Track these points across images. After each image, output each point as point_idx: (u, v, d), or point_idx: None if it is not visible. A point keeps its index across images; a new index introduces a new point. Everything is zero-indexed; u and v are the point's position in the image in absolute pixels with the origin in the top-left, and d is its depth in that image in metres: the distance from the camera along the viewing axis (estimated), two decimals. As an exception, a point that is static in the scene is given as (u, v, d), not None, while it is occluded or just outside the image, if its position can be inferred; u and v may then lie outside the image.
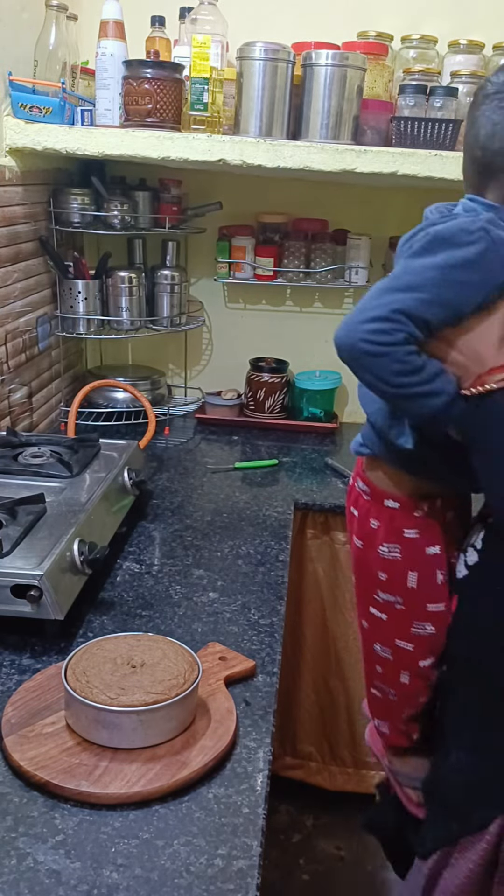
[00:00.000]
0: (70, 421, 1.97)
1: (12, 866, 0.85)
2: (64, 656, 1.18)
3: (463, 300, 0.94)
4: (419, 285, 0.93)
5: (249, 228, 2.34)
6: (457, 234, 0.94)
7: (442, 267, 0.93)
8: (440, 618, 1.15)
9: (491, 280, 0.93)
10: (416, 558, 1.13)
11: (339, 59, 1.84)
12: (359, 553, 1.19)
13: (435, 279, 0.93)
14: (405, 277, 0.94)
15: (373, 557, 1.15)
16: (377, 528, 1.14)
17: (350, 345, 0.94)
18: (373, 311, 0.93)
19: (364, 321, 0.93)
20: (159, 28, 1.97)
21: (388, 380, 0.94)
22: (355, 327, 0.94)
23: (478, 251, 0.93)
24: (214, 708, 1.09)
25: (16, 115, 1.80)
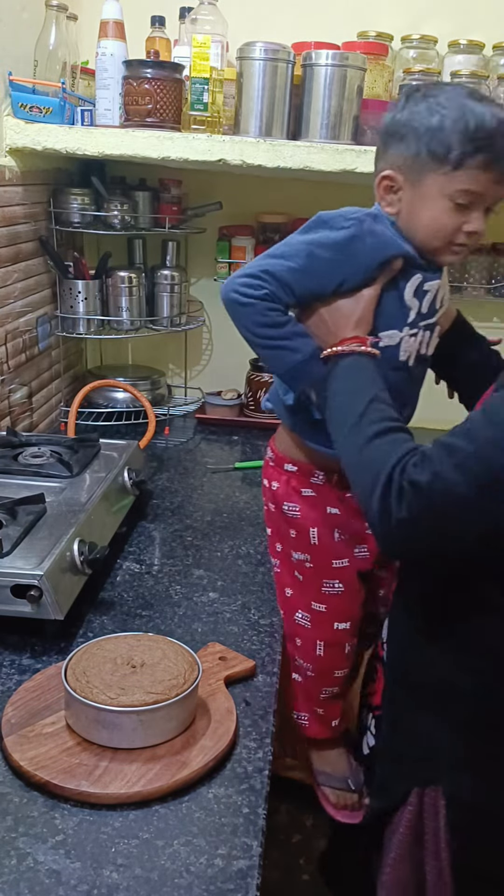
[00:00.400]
0: (70, 421, 1.97)
1: (12, 866, 0.85)
2: (64, 656, 1.18)
3: (324, 276, 1.07)
4: (290, 255, 1.08)
5: (249, 228, 2.34)
6: (335, 218, 1.09)
7: (313, 243, 1.07)
8: (346, 574, 1.29)
9: (352, 263, 1.07)
10: (315, 516, 1.26)
11: (339, 59, 1.84)
12: (270, 515, 1.32)
13: (303, 252, 1.07)
14: (282, 247, 1.10)
15: (280, 517, 1.28)
16: (277, 490, 1.29)
17: (225, 294, 1.11)
18: (247, 269, 1.09)
19: (238, 276, 1.10)
20: (159, 28, 1.97)
21: (251, 329, 1.10)
22: (232, 280, 1.10)
23: (346, 235, 1.06)
24: (214, 708, 1.09)
25: (16, 115, 1.80)
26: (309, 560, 1.29)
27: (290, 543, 1.30)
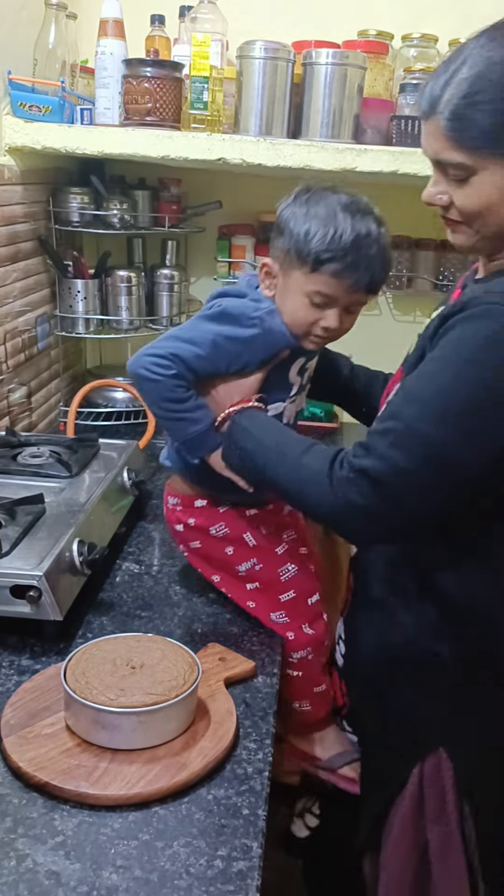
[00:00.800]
0: (69, 421, 1.96)
1: (12, 867, 0.84)
2: (63, 657, 1.18)
3: (227, 364, 1.20)
4: (198, 342, 1.18)
5: (249, 227, 2.33)
6: (240, 316, 1.19)
7: (220, 335, 1.18)
8: (292, 555, 1.33)
9: (252, 356, 1.20)
10: (241, 523, 1.32)
11: (339, 58, 1.84)
12: (195, 555, 1.35)
13: (210, 342, 1.18)
14: (192, 332, 1.19)
15: (213, 543, 1.32)
16: (196, 522, 1.33)
17: (133, 368, 1.19)
18: (157, 350, 1.18)
19: (148, 354, 1.18)
20: (159, 27, 1.96)
21: (157, 402, 1.21)
22: (141, 357, 1.19)
23: (251, 334, 1.18)
24: (214, 709, 1.08)
25: (15, 113, 1.80)
26: (256, 562, 1.32)
27: (231, 561, 1.33)
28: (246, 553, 1.33)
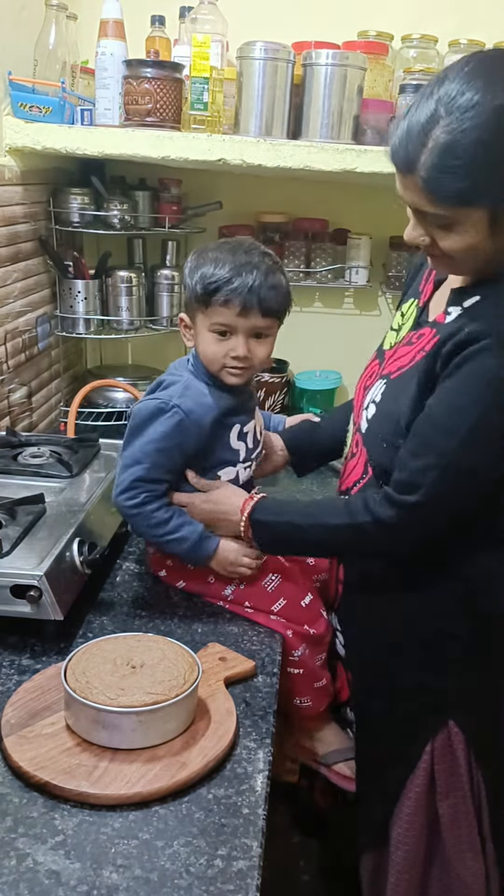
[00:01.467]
0: (70, 421, 1.96)
1: (12, 867, 0.84)
2: (63, 657, 1.18)
3: (177, 457, 1.31)
4: (142, 458, 1.29)
5: (249, 228, 2.33)
6: (155, 412, 1.29)
7: (152, 441, 1.28)
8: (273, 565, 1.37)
9: (190, 437, 1.29)
10: None
11: (339, 59, 1.84)
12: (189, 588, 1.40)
13: (153, 451, 1.28)
14: (131, 455, 1.29)
15: (194, 578, 1.38)
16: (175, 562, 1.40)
17: (118, 508, 1.32)
18: (120, 485, 1.30)
19: (118, 494, 1.30)
20: (159, 27, 1.96)
21: (144, 531, 1.33)
22: (116, 499, 1.30)
23: (176, 421, 1.28)
24: (214, 708, 1.08)
25: (15, 114, 1.80)
26: (238, 582, 1.36)
27: (217, 588, 1.37)
28: (226, 577, 1.36)
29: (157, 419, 1.29)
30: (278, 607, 1.33)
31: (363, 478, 1.28)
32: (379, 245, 2.31)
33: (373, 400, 1.25)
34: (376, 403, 1.24)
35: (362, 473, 1.28)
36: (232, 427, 1.36)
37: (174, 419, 1.29)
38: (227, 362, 1.30)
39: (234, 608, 1.36)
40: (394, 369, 1.23)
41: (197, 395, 1.32)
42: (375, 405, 1.24)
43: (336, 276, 2.35)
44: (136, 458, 1.30)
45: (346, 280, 2.34)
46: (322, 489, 1.94)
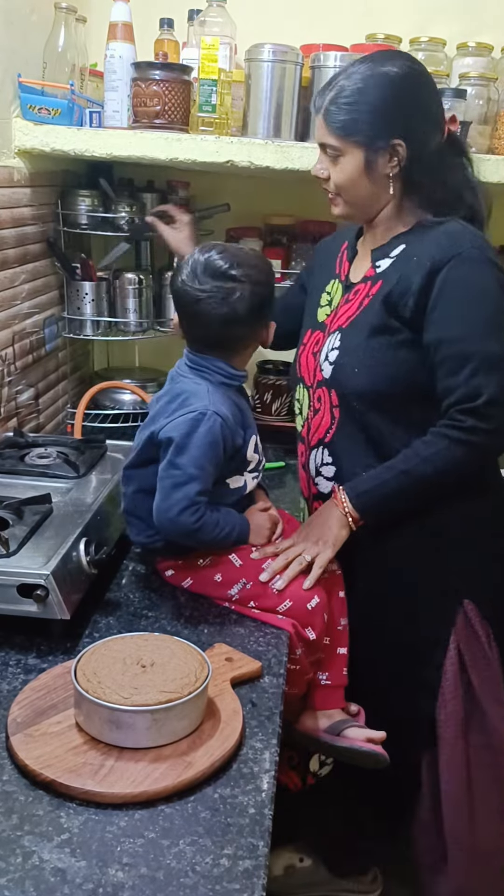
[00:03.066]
0: (77, 422, 1.97)
1: (18, 864, 0.84)
2: (70, 656, 1.18)
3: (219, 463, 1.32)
4: (194, 474, 1.28)
5: (257, 230, 2.34)
6: (194, 424, 1.29)
7: (199, 454, 1.28)
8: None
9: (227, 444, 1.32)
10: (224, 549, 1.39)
11: (347, 61, 1.83)
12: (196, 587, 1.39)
13: (201, 464, 1.29)
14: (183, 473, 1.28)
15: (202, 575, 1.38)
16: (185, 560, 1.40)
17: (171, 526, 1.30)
18: (179, 505, 1.28)
19: (178, 514, 1.28)
20: (168, 30, 1.97)
21: (207, 541, 1.33)
22: (177, 518, 1.29)
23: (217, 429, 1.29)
24: (221, 709, 1.08)
25: (24, 116, 1.81)
26: (246, 581, 1.36)
27: (222, 586, 1.36)
28: (234, 574, 1.36)
29: (198, 430, 1.29)
30: (284, 608, 1.33)
31: (333, 423, 1.45)
32: (386, 248, 2.31)
33: (331, 348, 1.45)
34: (337, 349, 1.44)
35: (330, 421, 1.46)
36: (249, 439, 1.40)
37: (216, 425, 1.29)
38: None
39: (239, 608, 1.36)
40: (343, 321, 1.45)
41: (223, 400, 1.34)
42: (337, 350, 1.44)
43: (343, 279, 2.34)
44: (190, 474, 1.29)
45: (353, 283, 2.33)
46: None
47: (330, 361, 1.44)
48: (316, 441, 1.49)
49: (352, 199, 1.43)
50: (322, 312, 1.55)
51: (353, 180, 1.39)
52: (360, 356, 1.40)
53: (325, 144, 1.40)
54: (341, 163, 1.39)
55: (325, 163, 1.42)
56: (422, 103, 1.38)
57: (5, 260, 1.76)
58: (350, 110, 1.35)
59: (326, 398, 1.46)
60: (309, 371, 1.52)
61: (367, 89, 1.34)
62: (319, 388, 1.48)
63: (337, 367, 1.43)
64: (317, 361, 1.49)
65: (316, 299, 1.58)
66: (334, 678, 1.42)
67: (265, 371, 2.36)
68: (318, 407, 1.48)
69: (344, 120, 1.36)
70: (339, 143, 1.37)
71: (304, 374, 1.54)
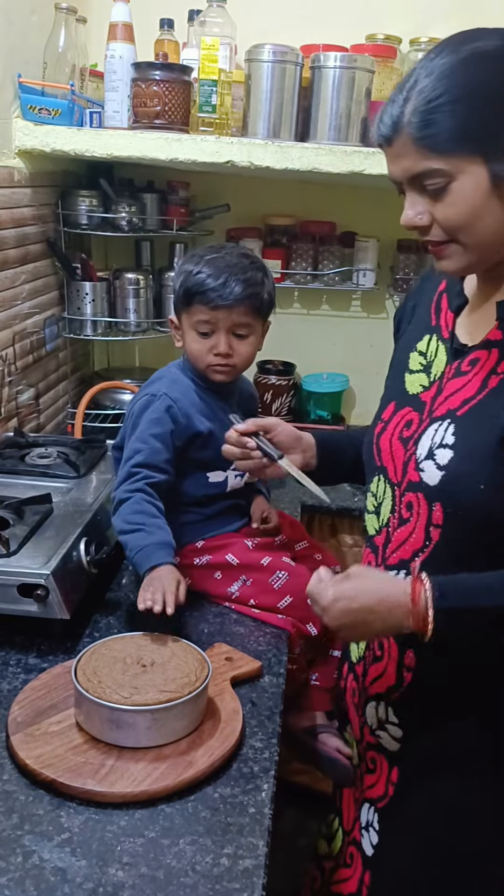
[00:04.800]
0: (77, 422, 1.97)
1: (18, 864, 0.84)
2: (70, 656, 1.18)
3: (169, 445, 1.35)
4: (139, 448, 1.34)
5: (257, 230, 2.34)
6: (146, 404, 1.37)
7: (145, 429, 1.35)
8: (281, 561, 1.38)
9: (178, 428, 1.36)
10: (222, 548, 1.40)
11: (347, 62, 1.85)
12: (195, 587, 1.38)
13: (145, 437, 1.34)
14: (130, 447, 1.35)
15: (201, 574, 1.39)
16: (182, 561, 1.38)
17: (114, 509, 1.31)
18: (121, 477, 1.34)
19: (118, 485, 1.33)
20: (168, 31, 1.97)
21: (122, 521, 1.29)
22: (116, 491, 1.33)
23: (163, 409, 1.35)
24: (221, 708, 1.09)
25: (25, 116, 1.81)
26: (246, 578, 1.36)
27: (222, 585, 1.37)
28: (233, 572, 1.37)
29: (148, 408, 1.37)
30: (285, 604, 1.33)
31: (426, 546, 1.04)
32: (387, 248, 2.31)
33: (440, 444, 1.02)
34: (451, 446, 1.01)
35: (424, 541, 1.05)
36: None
37: (163, 405, 1.36)
38: (210, 360, 1.38)
39: (239, 607, 1.36)
40: (455, 405, 1.03)
41: (184, 389, 1.40)
42: (451, 448, 1.01)
43: (343, 279, 2.35)
44: (135, 448, 1.35)
45: (353, 283, 2.34)
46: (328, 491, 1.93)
47: (438, 464, 1.02)
48: (397, 561, 1.09)
49: (476, 241, 0.96)
50: (414, 382, 1.12)
51: (475, 212, 0.94)
52: (490, 467, 0.97)
53: (421, 174, 0.95)
54: (453, 192, 0.94)
55: (422, 203, 0.97)
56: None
57: (6, 260, 1.76)
58: (455, 111, 0.91)
59: (424, 511, 1.04)
60: (395, 463, 1.10)
61: (468, 76, 0.92)
62: (412, 491, 1.06)
63: (451, 475, 1.01)
64: (409, 453, 1.08)
65: (403, 360, 1.16)
66: (324, 679, 1.42)
67: (265, 371, 2.36)
68: (408, 517, 1.07)
69: (449, 126, 0.92)
70: (447, 164, 0.93)
71: (388, 465, 1.12)
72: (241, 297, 1.33)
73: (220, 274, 1.33)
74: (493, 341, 1.01)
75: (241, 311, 1.35)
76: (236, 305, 1.34)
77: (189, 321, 1.38)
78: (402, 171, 0.97)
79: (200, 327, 1.37)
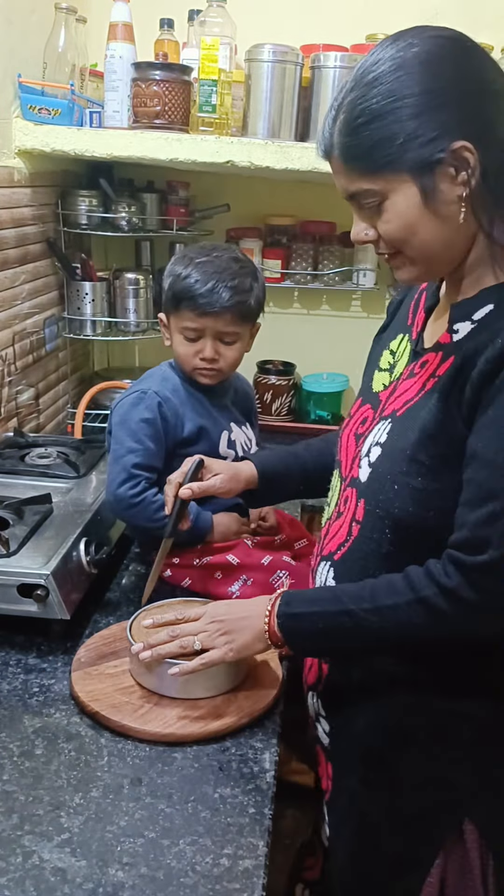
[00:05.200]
0: (77, 422, 1.97)
1: (18, 864, 0.84)
2: (70, 656, 1.19)
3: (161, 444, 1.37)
4: (132, 447, 1.35)
5: (257, 230, 2.34)
6: (135, 402, 1.38)
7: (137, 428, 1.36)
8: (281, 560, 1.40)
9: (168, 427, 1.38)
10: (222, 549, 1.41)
11: (347, 62, 1.85)
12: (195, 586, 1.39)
13: (139, 437, 1.35)
14: (122, 446, 1.36)
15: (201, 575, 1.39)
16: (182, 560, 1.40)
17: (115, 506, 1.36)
18: (118, 478, 1.34)
19: (117, 487, 1.34)
20: (168, 30, 1.97)
21: (147, 522, 1.34)
22: (116, 492, 1.34)
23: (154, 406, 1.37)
24: (263, 675, 1.17)
25: (25, 116, 1.81)
26: (246, 578, 1.37)
27: (223, 585, 1.38)
28: (234, 572, 1.37)
29: (138, 406, 1.38)
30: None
31: (347, 540, 1.06)
32: (386, 248, 2.31)
33: (375, 442, 1.05)
34: (381, 444, 1.03)
35: (346, 536, 1.07)
36: (221, 432, 1.43)
37: (154, 402, 1.37)
38: (196, 363, 1.39)
39: None
40: (399, 405, 1.04)
41: (174, 386, 1.42)
42: (381, 446, 1.03)
43: (344, 279, 2.35)
44: (129, 447, 1.35)
45: (353, 283, 2.34)
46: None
47: (370, 461, 1.04)
48: (327, 553, 1.11)
49: (418, 253, 0.96)
50: (380, 379, 1.13)
51: (411, 227, 0.93)
52: (403, 467, 0.98)
53: (356, 193, 0.95)
54: (387, 210, 0.94)
55: (364, 220, 0.98)
56: (477, 78, 0.93)
57: (6, 260, 1.76)
58: (376, 129, 0.90)
59: (352, 505, 1.06)
60: (347, 458, 1.13)
61: (391, 89, 0.90)
62: (350, 487, 1.09)
63: (374, 473, 1.02)
64: (357, 450, 1.10)
65: (377, 357, 1.18)
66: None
67: (265, 371, 2.36)
68: (343, 511, 1.09)
69: (371, 147, 0.91)
70: (376, 184, 0.93)
71: (342, 459, 1.14)
72: (229, 306, 1.33)
73: (208, 280, 1.32)
74: (442, 344, 1.01)
75: (228, 319, 1.35)
76: (223, 313, 1.34)
77: (176, 324, 1.38)
78: (341, 189, 0.99)
79: (187, 333, 1.37)
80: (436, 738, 1.01)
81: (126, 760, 1.01)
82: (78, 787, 0.96)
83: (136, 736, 1.05)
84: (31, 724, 1.07)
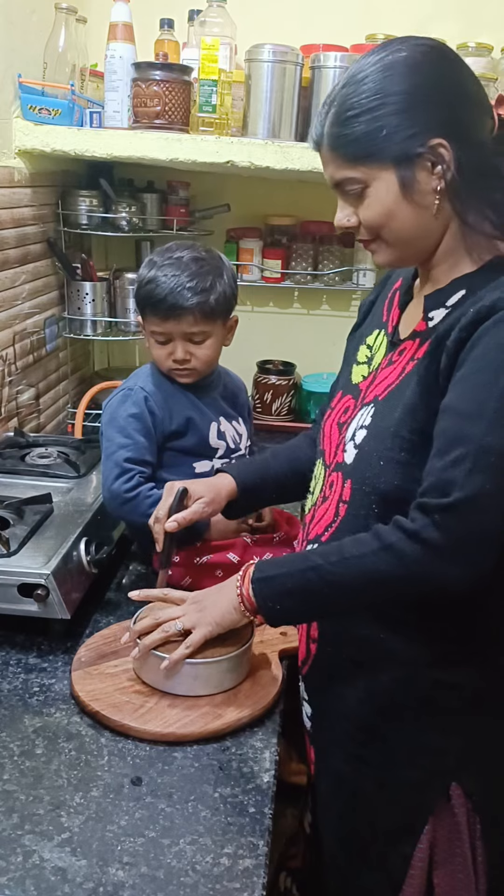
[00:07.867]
0: (77, 422, 1.97)
1: (18, 863, 0.84)
2: (70, 655, 1.19)
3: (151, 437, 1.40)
4: (123, 443, 1.37)
5: (257, 231, 2.34)
6: (122, 398, 1.42)
7: (126, 424, 1.39)
8: None
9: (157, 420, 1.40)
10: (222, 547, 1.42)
11: (347, 62, 1.85)
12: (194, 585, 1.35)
13: (129, 432, 1.38)
14: (113, 442, 1.38)
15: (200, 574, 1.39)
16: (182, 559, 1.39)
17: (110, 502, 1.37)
18: (112, 473, 1.36)
19: (112, 482, 1.36)
20: (168, 30, 1.97)
21: (142, 518, 1.31)
22: (111, 488, 1.36)
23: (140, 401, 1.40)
24: (263, 675, 1.17)
25: (25, 116, 1.81)
26: None
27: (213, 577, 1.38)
28: (235, 570, 1.33)
29: (125, 403, 1.41)
30: None
31: (335, 521, 1.08)
32: (386, 248, 2.31)
33: (360, 426, 1.09)
34: (367, 427, 1.07)
35: (333, 516, 1.09)
36: (209, 425, 1.45)
37: (140, 397, 1.40)
38: (169, 365, 1.41)
39: None
40: (380, 391, 1.08)
41: (159, 381, 1.44)
42: (366, 429, 1.07)
43: (344, 279, 2.35)
44: (119, 443, 1.38)
45: (353, 283, 2.34)
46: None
47: (356, 443, 1.08)
48: (314, 536, 1.12)
49: (395, 238, 1.04)
50: (358, 372, 1.18)
51: (390, 213, 1.02)
52: (388, 443, 1.02)
53: (342, 181, 1.04)
54: (369, 196, 1.02)
55: (348, 206, 1.06)
56: (456, 83, 1.01)
57: (6, 260, 1.76)
58: (363, 122, 0.99)
59: (338, 488, 1.10)
60: (330, 446, 1.16)
61: (379, 87, 0.99)
62: (336, 471, 1.12)
63: (361, 452, 1.06)
64: (341, 437, 1.13)
65: (353, 352, 1.22)
66: None
67: (265, 371, 2.36)
68: (328, 495, 1.12)
69: (357, 137, 1.00)
70: (360, 172, 1.01)
71: (325, 447, 1.18)
72: (189, 307, 1.34)
73: (168, 283, 1.34)
74: (419, 332, 1.07)
75: (192, 320, 1.36)
76: (185, 315, 1.35)
77: (147, 329, 1.41)
78: (328, 177, 1.07)
79: (156, 336, 1.40)
80: (427, 708, 1.04)
81: (126, 760, 1.01)
82: (78, 786, 0.96)
83: (137, 735, 1.05)
84: (31, 723, 1.07)
